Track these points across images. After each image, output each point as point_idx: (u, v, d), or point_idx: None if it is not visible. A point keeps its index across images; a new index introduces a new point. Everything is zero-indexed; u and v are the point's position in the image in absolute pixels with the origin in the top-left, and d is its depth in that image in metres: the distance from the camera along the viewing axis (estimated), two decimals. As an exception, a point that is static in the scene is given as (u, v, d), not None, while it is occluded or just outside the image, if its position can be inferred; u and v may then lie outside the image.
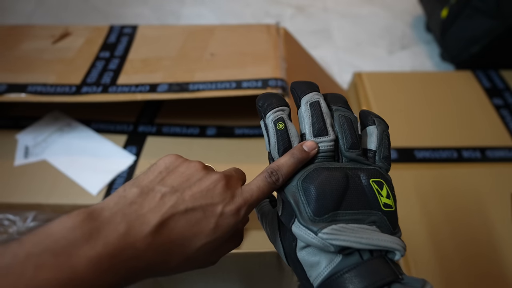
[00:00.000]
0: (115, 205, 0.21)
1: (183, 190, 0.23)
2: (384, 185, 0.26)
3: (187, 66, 0.56)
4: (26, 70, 0.55)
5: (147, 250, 0.20)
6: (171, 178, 0.23)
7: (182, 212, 0.22)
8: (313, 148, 0.26)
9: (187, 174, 0.24)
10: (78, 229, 0.19)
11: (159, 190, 0.22)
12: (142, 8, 1.00)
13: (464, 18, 0.72)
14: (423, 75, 0.70)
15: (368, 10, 0.99)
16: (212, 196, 0.23)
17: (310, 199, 0.24)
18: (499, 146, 0.57)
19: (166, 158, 0.25)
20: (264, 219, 0.28)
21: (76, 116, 0.60)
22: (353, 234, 0.23)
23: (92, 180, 0.52)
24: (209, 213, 0.22)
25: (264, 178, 0.25)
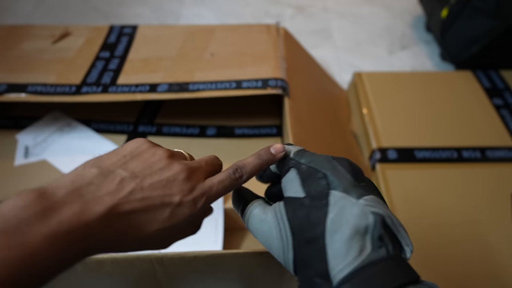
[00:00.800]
0: (71, 184, 0.21)
1: (143, 177, 0.23)
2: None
3: (187, 66, 0.56)
4: (26, 70, 0.55)
5: (102, 230, 0.20)
6: (134, 163, 0.23)
7: (139, 199, 0.22)
8: (280, 151, 0.27)
9: (151, 161, 0.24)
10: (31, 207, 0.19)
11: (119, 174, 0.22)
12: (142, 8, 1.00)
13: (464, 18, 0.72)
14: (423, 75, 0.70)
15: (368, 10, 0.99)
16: (171, 187, 0.23)
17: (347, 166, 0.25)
18: (499, 146, 0.57)
19: (133, 142, 0.25)
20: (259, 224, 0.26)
21: (76, 116, 0.60)
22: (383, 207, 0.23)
23: (92, 180, 0.52)
24: (166, 203, 0.23)
25: (228, 174, 0.26)
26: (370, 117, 0.61)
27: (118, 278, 0.40)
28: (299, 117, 0.51)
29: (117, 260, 0.37)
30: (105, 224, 0.20)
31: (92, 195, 0.21)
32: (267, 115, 0.61)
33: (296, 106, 0.52)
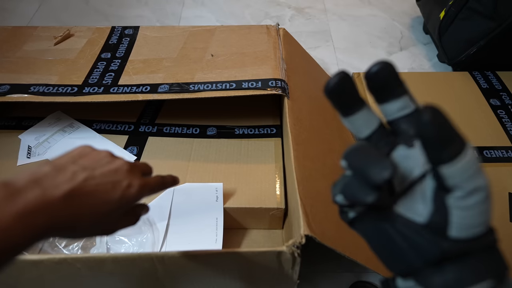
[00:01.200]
0: (29, 176, 0.24)
1: (94, 169, 0.27)
2: None
3: (188, 67, 0.56)
4: (29, 70, 0.56)
5: (63, 209, 0.24)
6: (83, 160, 0.28)
7: (93, 185, 0.26)
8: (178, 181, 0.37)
9: (98, 158, 0.29)
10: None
11: (71, 168, 0.26)
12: (143, 9, 1.00)
13: (461, 20, 0.72)
14: (421, 76, 0.71)
15: (367, 12, 1.00)
16: (119, 175, 0.28)
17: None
18: (497, 146, 0.57)
19: (79, 147, 0.29)
20: None
21: (78, 117, 0.61)
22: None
23: (93, 179, 0.52)
24: (117, 186, 0.27)
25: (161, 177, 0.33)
26: (369, 118, 0.61)
27: (120, 276, 0.40)
28: (299, 117, 0.51)
29: (118, 259, 0.37)
30: (66, 204, 0.24)
31: (50, 183, 0.24)
32: (267, 115, 0.61)
33: (296, 106, 0.52)
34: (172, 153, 0.56)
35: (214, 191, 0.50)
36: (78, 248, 0.49)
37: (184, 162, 0.55)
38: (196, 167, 0.54)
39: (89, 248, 0.49)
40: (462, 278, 0.19)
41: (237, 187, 0.51)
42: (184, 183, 0.51)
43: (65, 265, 0.38)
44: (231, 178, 0.52)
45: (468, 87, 0.67)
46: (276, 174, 0.53)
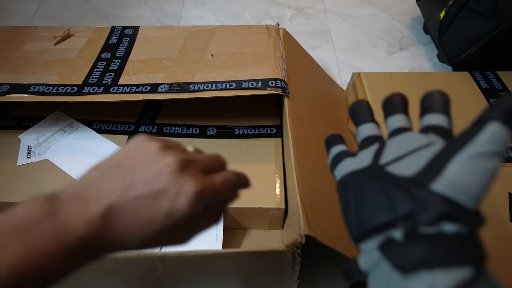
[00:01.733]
0: (75, 188, 0.22)
1: (136, 173, 0.22)
2: None
3: (188, 67, 0.56)
4: (29, 70, 0.56)
5: (102, 230, 0.21)
6: (129, 159, 0.23)
7: (132, 198, 0.21)
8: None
9: (144, 155, 0.23)
10: (39, 209, 0.20)
11: (115, 173, 0.22)
12: (142, 9, 1.00)
13: (461, 20, 0.72)
14: (422, 76, 0.71)
15: (367, 12, 1.00)
16: (165, 181, 0.22)
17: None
18: (497, 146, 0.57)
19: (132, 140, 0.24)
20: None
21: (78, 117, 0.61)
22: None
23: (93, 179, 0.52)
24: (161, 198, 0.22)
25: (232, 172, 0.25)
26: (369, 118, 0.62)
27: (120, 276, 0.40)
28: (299, 117, 0.51)
29: (118, 259, 0.37)
30: (104, 224, 0.21)
31: (91, 196, 0.21)
32: (267, 115, 0.61)
33: (296, 106, 0.52)
34: (172, 153, 0.56)
35: (214, 191, 0.50)
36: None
37: (184, 162, 0.55)
38: (196, 167, 0.54)
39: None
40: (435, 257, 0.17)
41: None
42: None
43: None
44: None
45: (468, 87, 0.67)
46: (276, 174, 0.53)
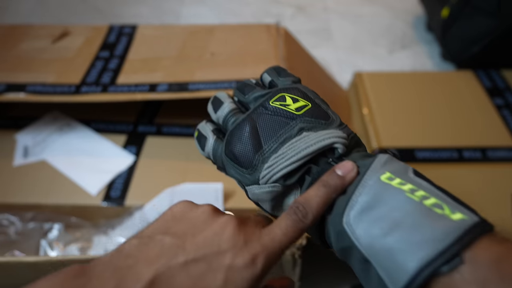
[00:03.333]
0: (110, 259, 0.19)
1: (186, 238, 0.19)
2: (285, 96, 0.26)
3: (187, 66, 0.55)
4: (25, 69, 0.55)
5: None
6: (176, 226, 0.20)
7: (182, 264, 0.18)
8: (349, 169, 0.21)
9: (193, 219, 0.20)
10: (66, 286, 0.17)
11: (160, 240, 0.19)
12: (141, 7, 1.00)
13: (465, 18, 0.72)
14: (424, 75, 0.70)
15: (369, 10, 0.99)
16: (219, 243, 0.19)
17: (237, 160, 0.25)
18: (500, 146, 0.57)
19: (175, 206, 0.22)
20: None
21: (75, 116, 0.60)
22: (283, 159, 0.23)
23: (91, 180, 0.52)
24: (215, 264, 0.18)
25: (288, 215, 0.20)
26: (370, 117, 0.61)
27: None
28: (300, 117, 0.50)
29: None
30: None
31: (130, 269, 0.18)
32: (267, 115, 0.61)
33: (297, 106, 0.51)
34: (171, 153, 0.55)
35: (214, 191, 0.49)
36: (76, 249, 0.49)
37: (184, 162, 0.54)
38: (195, 167, 0.53)
39: (87, 249, 0.49)
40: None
41: (237, 187, 0.50)
42: (183, 184, 0.51)
43: (62, 266, 0.38)
44: (231, 178, 0.52)
45: (471, 86, 0.66)
46: (276, 175, 0.52)
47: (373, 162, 0.21)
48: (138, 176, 0.53)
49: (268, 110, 0.25)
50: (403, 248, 0.18)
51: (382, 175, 0.20)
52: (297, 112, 0.24)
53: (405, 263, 0.17)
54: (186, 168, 0.53)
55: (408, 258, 0.17)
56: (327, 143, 0.23)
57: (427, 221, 0.18)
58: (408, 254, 0.17)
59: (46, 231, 0.50)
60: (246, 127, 0.25)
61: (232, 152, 0.25)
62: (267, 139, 0.24)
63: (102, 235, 0.49)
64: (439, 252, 0.17)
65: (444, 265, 0.17)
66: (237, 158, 0.24)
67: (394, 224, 0.18)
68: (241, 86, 0.29)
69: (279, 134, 0.24)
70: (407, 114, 0.62)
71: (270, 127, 0.24)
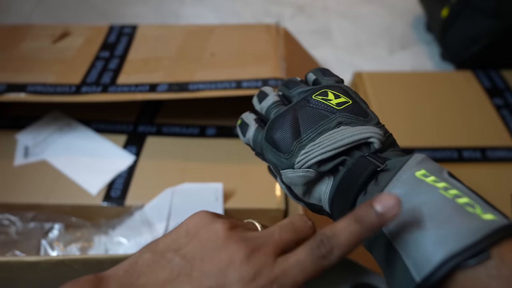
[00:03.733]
0: (124, 274, 0.19)
1: (194, 263, 0.18)
2: (328, 92, 0.27)
3: (187, 66, 0.55)
4: (26, 69, 0.55)
5: None
6: (188, 245, 0.19)
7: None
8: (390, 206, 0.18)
9: (204, 240, 0.19)
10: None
11: (170, 261, 0.19)
12: (141, 7, 1.00)
13: (464, 18, 0.72)
14: (423, 75, 0.70)
15: (368, 10, 0.99)
16: (226, 274, 0.18)
17: (275, 144, 0.26)
18: (500, 146, 0.57)
19: (191, 218, 0.21)
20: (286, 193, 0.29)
21: (75, 116, 0.60)
22: (320, 147, 0.24)
23: (91, 180, 0.52)
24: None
25: (310, 247, 0.18)
26: (370, 117, 0.61)
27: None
28: (299, 117, 0.50)
29: (116, 260, 0.37)
30: None
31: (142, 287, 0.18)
32: (267, 115, 0.61)
33: (296, 106, 0.51)
34: (171, 153, 0.55)
35: (214, 192, 0.49)
36: (76, 249, 0.49)
37: (184, 162, 0.54)
38: (195, 167, 0.54)
39: (87, 249, 0.49)
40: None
41: (237, 188, 0.50)
42: (183, 184, 0.51)
43: (63, 266, 0.38)
44: (231, 178, 0.52)
45: (471, 86, 0.66)
46: (276, 175, 0.52)
47: (409, 160, 0.22)
48: (138, 176, 0.53)
49: (310, 103, 0.26)
50: (432, 239, 0.18)
51: (417, 171, 0.21)
52: (338, 107, 0.26)
53: (432, 253, 0.18)
54: (186, 168, 0.53)
55: (436, 249, 0.18)
56: (364, 137, 0.24)
57: (458, 217, 0.18)
58: (436, 246, 0.18)
59: (47, 231, 0.50)
60: (288, 116, 0.26)
61: (272, 138, 0.26)
62: (306, 128, 0.25)
63: (102, 235, 0.49)
64: (467, 246, 0.17)
65: (471, 259, 0.17)
66: (276, 143, 0.26)
67: (425, 217, 0.19)
68: (287, 82, 0.31)
69: (318, 126, 0.25)
70: (407, 114, 0.62)
71: (310, 118, 0.26)
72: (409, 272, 0.19)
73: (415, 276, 0.18)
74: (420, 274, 0.18)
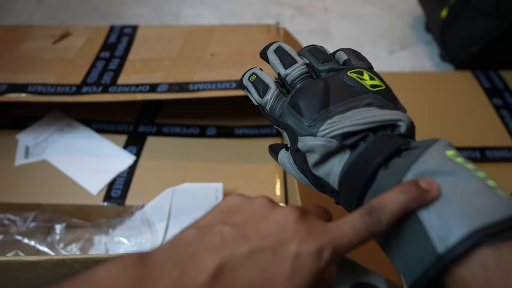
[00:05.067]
0: (170, 248, 0.18)
1: (247, 227, 0.19)
2: (364, 72, 0.26)
3: (187, 66, 0.56)
4: (27, 70, 0.55)
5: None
6: (233, 216, 0.20)
7: (246, 254, 0.17)
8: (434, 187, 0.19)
9: (251, 210, 0.20)
10: (126, 276, 0.17)
11: (219, 230, 0.19)
12: (142, 8, 1.00)
13: (463, 18, 0.72)
14: (423, 75, 0.70)
15: (368, 10, 0.99)
16: (283, 232, 0.18)
17: (300, 110, 0.25)
18: (499, 146, 0.57)
19: (228, 198, 0.21)
20: (287, 167, 0.29)
21: (76, 116, 0.60)
22: (348, 119, 0.23)
23: (92, 180, 0.52)
24: (281, 253, 0.17)
25: (360, 216, 0.19)
26: (370, 117, 0.61)
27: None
28: (299, 117, 0.51)
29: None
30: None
31: (191, 257, 0.17)
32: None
33: (296, 106, 0.52)
34: (171, 153, 0.56)
35: (214, 192, 0.50)
36: (76, 249, 0.49)
37: (184, 162, 0.54)
38: (195, 167, 0.54)
39: (87, 249, 0.49)
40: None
41: (237, 187, 0.51)
42: (183, 184, 0.51)
43: (63, 266, 0.38)
44: (231, 178, 0.52)
45: (470, 86, 0.66)
46: (276, 174, 0.52)
47: (437, 141, 0.22)
48: (138, 176, 0.53)
49: (344, 78, 0.26)
50: (461, 212, 0.18)
51: (448, 151, 0.21)
52: (371, 89, 0.25)
53: (460, 225, 0.18)
54: (186, 168, 0.54)
55: (465, 220, 0.18)
56: (394, 118, 0.24)
57: (489, 194, 0.19)
58: (465, 217, 0.18)
59: (47, 230, 0.50)
60: (319, 85, 0.25)
61: (297, 103, 0.25)
62: (335, 101, 0.25)
63: (102, 234, 0.49)
64: (498, 220, 0.18)
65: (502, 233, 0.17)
66: (301, 108, 0.25)
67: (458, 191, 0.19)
68: (316, 52, 0.29)
69: (348, 101, 0.25)
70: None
71: (341, 92, 0.25)
72: (431, 242, 0.18)
73: (437, 247, 0.18)
74: (444, 245, 0.18)
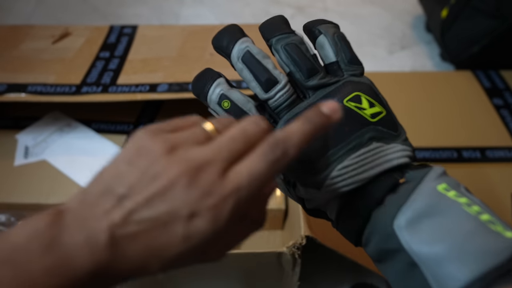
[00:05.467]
0: (79, 205, 0.18)
1: (138, 191, 0.18)
2: (361, 97, 0.24)
3: (187, 66, 0.56)
4: (26, 70, 0.55)
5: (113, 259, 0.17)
6: (130, 171, 0.18)
7: (137, 222, 0.17)
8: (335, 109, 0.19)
9: (145, 164, 0.18)
10: (39, 237, 0.17)
11: (116, 192, 0.18)
12: (141, 8, 1.00)
13: (464, 18, 0.72)
14: (423, 75, 0.70)
15: (368, 10, 0.99)
16: (172, 198, 0.17)
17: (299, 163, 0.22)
18: (499, 146, 0.57)
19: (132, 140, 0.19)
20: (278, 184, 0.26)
21: (76, 116, 0.60)
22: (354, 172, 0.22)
23: (92, 180, 0.52)
24: (171, 222, 0.17)
25: (262, 155, 0.18)
26: (370, 117, 0.61)
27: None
28: (299, 117, 0.51)
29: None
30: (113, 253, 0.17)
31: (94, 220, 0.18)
32: (267, 115, 0.61)
33: (296, 106, 0.52)
34: (171, 153, 0.55)
35: (214, 192, 0.49)
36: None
37: (184, 162, 0.54)
38: (195, 167, 0.54)
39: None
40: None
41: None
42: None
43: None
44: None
45: (471, 86, 0.66)
46: (276, 175, 0.52)
47: (430, 172, 0.21)
48: (138, 176, 0.53)
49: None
50: (458, 257, 0.18)
51: (439, 185, 0.20)
52: (372, 119, 0.23)
53: (458, 273, 0.18)
54: (186, 168, 0.54)
55: (462, 267, 0.18)
56: (401, 162, 0.23)
57: (483, 234, 0.19)
58: (462, 264, 0.18)
59: (47, 231, 0.50)
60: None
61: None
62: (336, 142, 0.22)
63: (102, 235, 0.49)
64: (494, 266, 0.17)
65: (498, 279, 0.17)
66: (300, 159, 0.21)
67: (449, 233, 0.19)
68: (297, 54, 0.24)
69: (349, 141, 0.22)
70: (407, 114, 0.62)
71: (340, 131, 0.23)
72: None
73: None
74: None
